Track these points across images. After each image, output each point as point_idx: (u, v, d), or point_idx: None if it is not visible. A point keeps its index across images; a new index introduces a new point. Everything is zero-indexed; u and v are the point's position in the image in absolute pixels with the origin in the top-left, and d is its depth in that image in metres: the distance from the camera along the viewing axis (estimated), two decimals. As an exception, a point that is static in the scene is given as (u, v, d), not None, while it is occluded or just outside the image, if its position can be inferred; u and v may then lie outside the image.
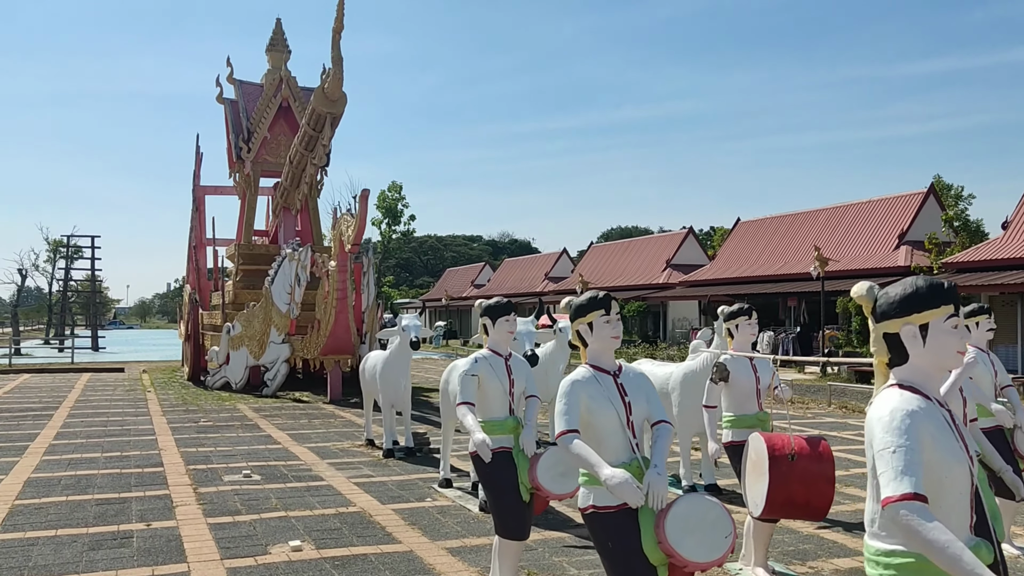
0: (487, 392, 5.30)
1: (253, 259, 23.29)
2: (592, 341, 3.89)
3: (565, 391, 3.77)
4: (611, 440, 3.75)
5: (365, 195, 16.52)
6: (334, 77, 18.10)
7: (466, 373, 5.27)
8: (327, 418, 15.29)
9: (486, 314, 5.43)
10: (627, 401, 3.81)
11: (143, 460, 10.56)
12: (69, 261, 59.05)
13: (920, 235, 29.80)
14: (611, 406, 3.75)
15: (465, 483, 8.97)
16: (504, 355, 5.43)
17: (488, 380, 5.29)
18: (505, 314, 5.39)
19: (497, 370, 5.33)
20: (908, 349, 2.59)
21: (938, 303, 2.57)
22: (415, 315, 10.80)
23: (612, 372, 3.88)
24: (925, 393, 2.55)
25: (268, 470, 9.91)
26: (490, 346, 5.44)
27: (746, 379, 5.97)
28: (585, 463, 3.59)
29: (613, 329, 3.85)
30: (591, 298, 3.91)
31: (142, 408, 16.65)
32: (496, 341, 5.43)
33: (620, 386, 3.84)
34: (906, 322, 2.59)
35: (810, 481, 5.15)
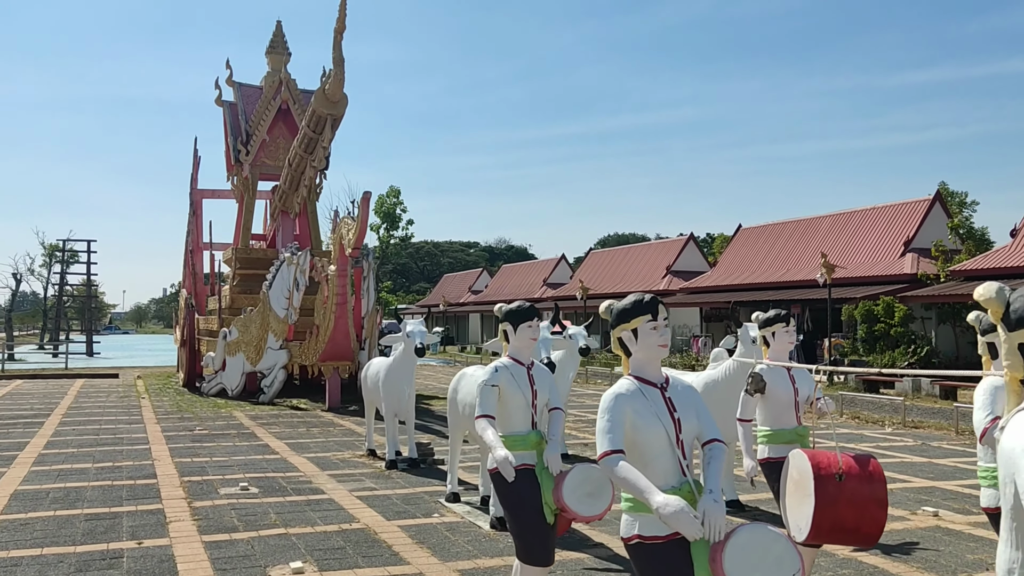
0: (508, 404, 4.89)
1: (250, 263, 22.87)
2: (637, 350, 3.49)
3: (608, 406, 3.36)
4: (659, 461, 3.35)
5: (366, 198, 16.12)
6: (335, 78, 17.73)
7: (486, 383, 4.87)
8: (326, 426, 14.85)
9: (507, 319, 5.02)
10: (676, 417, 3.40)
11: (136, 471, 10.12)
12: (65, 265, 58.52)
13: (926, 242, 29.47)
14: (659, 423, 3.35)
15: (473, 497, 8.55)
16: (526, 364, 5.03)
17: (509, 391, 4.88)
18: (528, 319, 4.99)
19: (519, 380, 4.92)
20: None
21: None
22: (420, 321, 10.39)
23: (659, 385, 3.48)
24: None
25: (266, 482, 9.48)
26: (511, 354, 5.04)
27: (784, 391, 5.57)
28: (633, 488, 3.18)
29: (661, 336, 3.45)
30: (636, 301, 3.51)
31: (136, 416, 16.20)
32: (517, 348, 5.03)
33: (668, 400, 3.44)
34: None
35: (860, 504, 4.74)
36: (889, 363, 25.44)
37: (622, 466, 3.21)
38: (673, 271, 42.97)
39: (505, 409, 4.89)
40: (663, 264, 43.99)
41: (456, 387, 8.19)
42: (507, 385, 4.89)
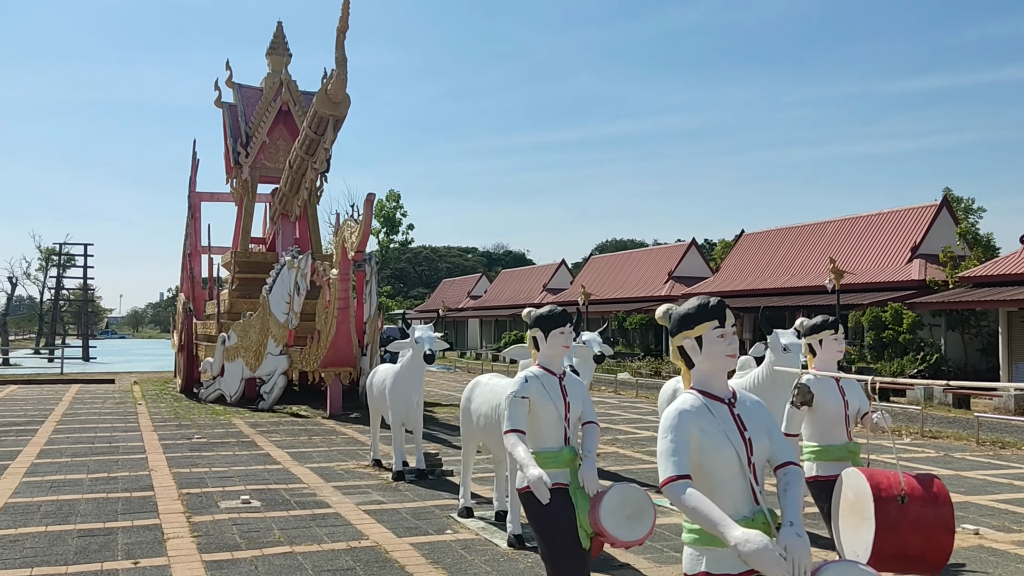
0: (539, 417, 4.49)
1: (250, 267, 22.46)
2: (701, 360, 3.10)
3: (671, 424, 2.96)
4: (728, 488, 2.95)
5: (370, 200, 15.72)
6: (338, 78, 17.37)
7: (515, 395, 4.47)
8: (328, 435, 14.43)
9: (537, 325, 4.63)
10: (747, 437, 3.01)
11: (132, 483, 9.69)
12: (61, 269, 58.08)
13: (933, 248, 29.13)
14: (729, 444, 2.96)
15: (487, 511, 8.13)
16: (558, 373, 4.63)
17: (540, 403, 4.48)
18: (560, 325, 4.59)
19: (551, 391, 4.53)
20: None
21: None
22: (429, 326, 9.98)
23: (726, 400, 3.08)
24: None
25: (268, 495, 9.06)
26: (541, 363, 4.64)
27: (833, 403, 5.17)
28: (704, 519, 2.78)
29: (729, 345, 3.06)
30: (701, 306, 3.11)
31: (132, 423, 15.76)
32: (548, 357, 4.63)
33: (737, 418, 3.04)
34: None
35: (925, 529, 4.33)
36: (898, 370, 25.07)
37: (690, 494, 2.81)
38: (675, 277, 42.58)
39: (536, 423, 4.49)
40: (665, 269, 43.61)
41: (470, 396, 7.79)
42: (538, 397, 4.50)
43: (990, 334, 27.48)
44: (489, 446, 7.72)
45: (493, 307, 58.47)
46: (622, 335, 41.79)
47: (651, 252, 50.37)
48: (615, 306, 42.89)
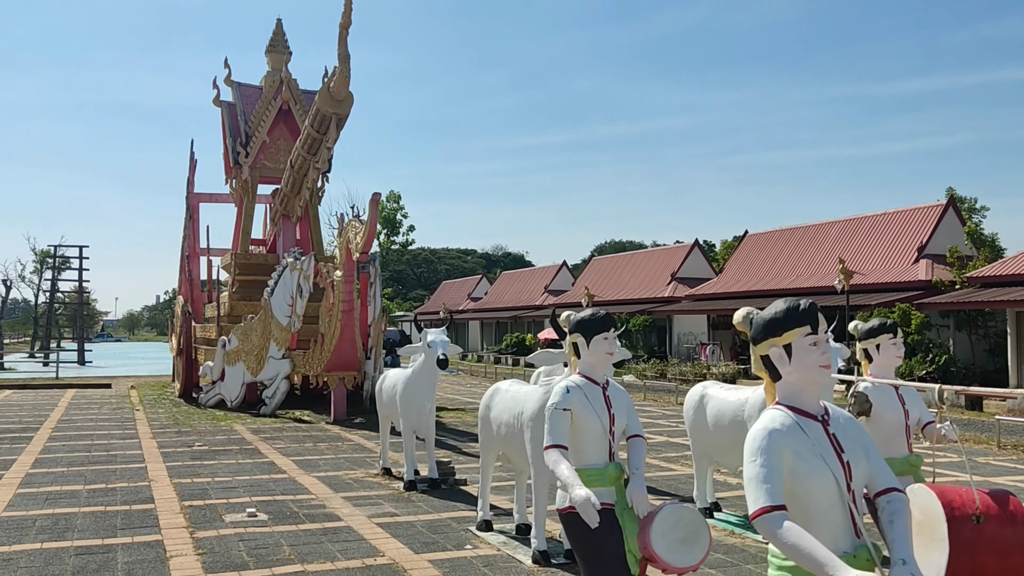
0: (582, 431, 4.11)
1: (250, 269, 22.05)
2: (790, 371, 2.71)
3: (760, 446, 2.57)
4: (826, 519, 2.57)
5: (375, 199, 15.32)
6: (341, 75, 16.97)
7: (556, 407, 4.08)
8: (333, 441, 14.03)
9: (578, 330, 4.24)
10: (845, 460, 2.62)
11: (131, 495, 9.28)
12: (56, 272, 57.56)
13: (939, 248, 28.78)
14: (826, 468, 2.58)
15: (507, 525, 7.74)
16: (601, 383, 4.25)
17: (583, 416, 4.10)
18: (604, 330, 4.21)
19: (594, 402, 4.14)
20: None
21: None
22: (442, 329, 9.58)
23: (819, 417, 2.70)
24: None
25: (276, 507, 8.66)
26: (583, 371, 4.25)
27: (893, 413, 4.79)
28: (808, 559, 2.39)
29: (823, 355, 2.67)
30: (790, 309, 2.72)
31: (130, 429, 15.34)
32: (591, 365, 4.25)
33: (833, 438, 2.66)
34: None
35: (1003, 551, 3.94)
36: (907, 372, 24.70)
37: (789, 528, 2.42)
38: (678, 278, 42.21)
39: (578, 437, 4.11)
40: (668, 270, 43.25)
41: (489, 404, 7.40)
42: (581, 409, 4.11)
43: (998, 335, 27.15)
44: (510, 456, 7.33)
45: (494, 309, 58.08)
46: (626, 337, 41.36)
47: (653, 253, 50.02)
48: (618, 308, 42.50)
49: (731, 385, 8.31)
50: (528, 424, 6.60)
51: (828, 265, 32.51)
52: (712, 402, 7.91)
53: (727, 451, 7.82)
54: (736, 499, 9.02)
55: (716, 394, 7.95)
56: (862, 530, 2.60)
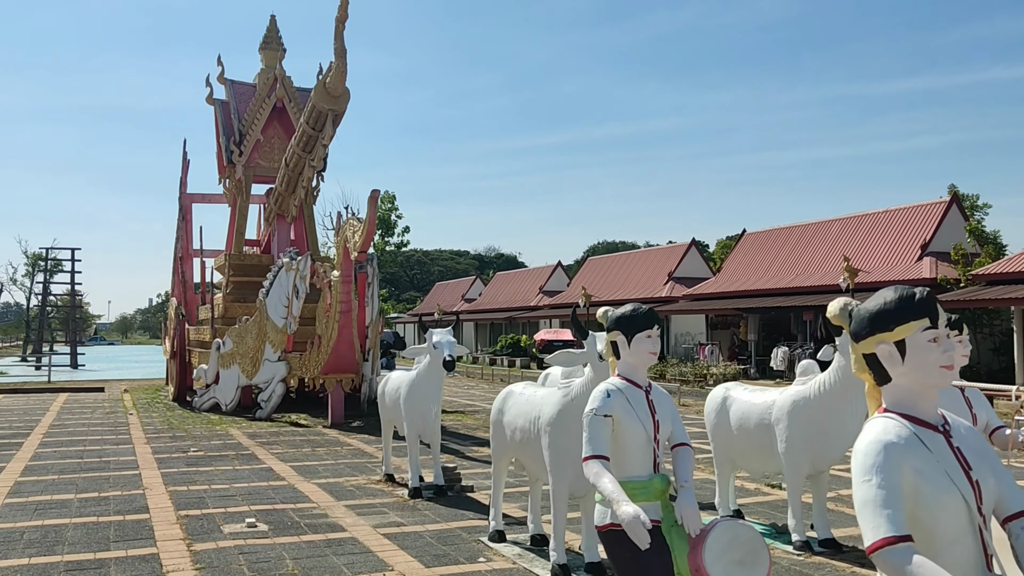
0: (624, 440, 3.74)
1: (244, 270, 21.62)
2: (903, 372, 2.29)
3: (875, 463, 2.15)
4: (955, 550, 2.16)
5: (374, 196, 14.91)
6: (337, 70, 16.57)
7: (596, 413, 3.71)
8: (332, 446, 13.62)
9: (619, 327, 3.87)
10: (974, 479, 2.23)
11: (125, 504, 8.87)
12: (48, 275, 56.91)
13: (943, 246, 28.52)
14: (955, 490, 2.18)
15: (520, 535, 7.36)
16: (644, 386, 3.88)
17: (626, 423, 3.73)
18: (647, 327, 3.84)
19: (637, 408, 3.77)
20: None
21: None
22: (448, 330, 9.19)
23: (939, 427, 2.31)
24: None
25: (276, 517, 8.25)
26: (623, 373, 3.88)
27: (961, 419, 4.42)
28: None
29: (943, 353, 2.28)
30: (904, 299, 2.28)
31: (123, 434, 14.90)
32: (632, 366, 3.88)
33: (957, 451, 2.27)
34: None
35: None
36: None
37: (921, 564, 2.00)
38: (675, 277, 41.90)
39: (620, 447, 3.74)
40: (665, 270, 42.93)
41: (502, 408, 7.02)
42: (623, 415, 3.74)
43: (1003, 333, 26.92)
44: (524, 463, 6.95)
45: (488, 310, 57.69)
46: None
47: (650, 253, 49.70)
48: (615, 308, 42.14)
49: (755, 386, 7.94)
50: (546, 429, 6.22)
51: (829, 263, 32.23)
52: (736, 405, 7.54)
53: (752, 456, 7.47)
54: (759, 506, 8.66)
55: (740, 396, 7.58)
56: (997, 563, 2.21)
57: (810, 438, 6.88)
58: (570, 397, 6.08)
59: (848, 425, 6.76)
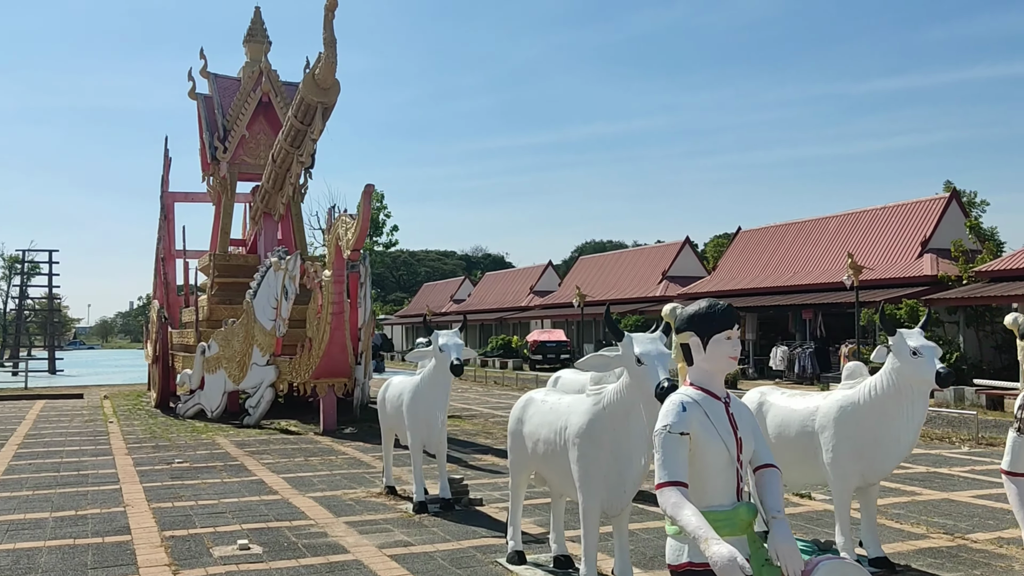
0: (704, 461, 3.09)
1: (230, 270, 20.83)
2: None
3: None
4: None
5: (368, 191, 14.20)
6: (326, 61, 15.85)
7: (669, 430, 3.06)
8: (326, 454, 12.90)
9: (692, 328, 3.22)
10: None
11: (104, 523, 8.13)
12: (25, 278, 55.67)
13: (943, 243, 28.11)
14: None
15: (540, 553, 6.70)
16: (723, 396, 3.23)
17: (705, 440, 3.08)
18: (726, 327, 3.19)
19: (718, 423, 3.12)
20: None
21: None
22: (455, 332, 8.52)
23: None
24: None
25: (271, 536, 7.55)
26: (697, 381, 3.23)
27: None
28: None
29: None
30: None
31: (103, 444, 14.12)
32: (709, 374, 3.23)
33: None
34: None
35: None
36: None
37: None
38: (669, 276, 41.39)
39: (698, 470, 3.09)
40: (658, 269, 42.41)
41: (521, 417, 6.35)
42: (702, 431, 3.09)
43: (1005, 331, 26.52)
44: (547, 477, 6.29)
45: (478, 311, 56.97)
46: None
47: (642, 252, 49.18)
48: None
49: (793, 390, 7.31)
50: (574, 441, 5.57)
51: (828, 261, 31.79)
52: (774, 411, 6.90)
53: (792, 467, 6.82)
54: (795, 520, 8.03)
55: (778, 402, 6.95)
56: None
57: (860, 447, 6.27)
58: (601, 405, 5.44)
59: (903, 433, 6.16)
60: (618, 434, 5.33)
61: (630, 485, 5.36)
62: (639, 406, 5.18)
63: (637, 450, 5.28)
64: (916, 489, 9.64)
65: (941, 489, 9.69)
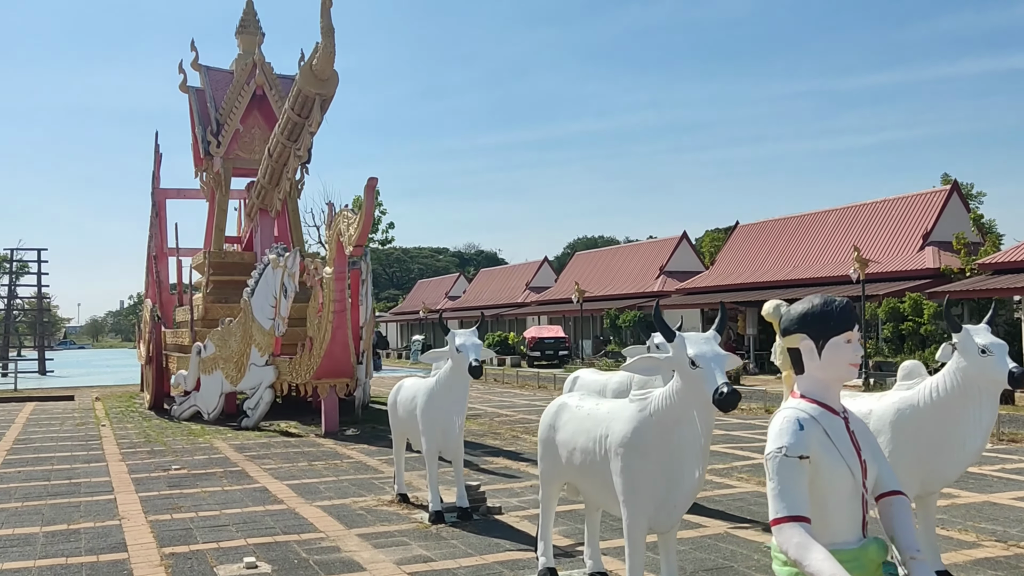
0: (825, 489, 2.61)
1: (226, 268, 20.29)
2: None
3: None
4: None
5: (372, 184, 13.68)
6: (324, 51, 15.32)
7: (787, 452, 2.57)
8: (330, 458, 12.40)
9: (804, 328, 2.74)
10: None
11: (98, 539, 7.61)
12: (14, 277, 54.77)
13: (945, 235, 27.80)
14: None
15: (570, 567, 6.24)
16: (840, 412, 2.75)
17: (827, 465, 2.60)
18: (845, 328, 2.71)
19: (840, 443, 2.64)
20: None
21: None
22: (472, 331, 8.02)
23: None
24: None
25: (279, 553, 7.05)
26: (810, 393, 2.75)
27: None
28: None
29: None
30: None
31: (95, 450, 13.57)
32: (824, 384, 2.75)
33: None
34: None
35: None
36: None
37: None
38: (667, 271, 41.03)
39: (820, 500, 2.60)
40: (656, 264, 42.04)
41: (554, 423, 5.86)
42: (824, 454, 2.60)
43: (1008, 324, 26.24)
44: (583, 489, 5.81)
45: (473, 308, 56.44)
46: (615, 333, 40.09)
47: (639, 247, 48.78)
48: (606, 303, 41.19)
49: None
50: (618, 451, 5.08)
51: (828, 254, 31.47)
52: (821, 413, 6.44)
53: (842, 473, 6.38)
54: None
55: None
56: None
57: (920, 453, 5.81)
58: (648, 412, 4.94)
59: (969, 438, 5.70)
60: (668, 444, 4.85)
61: (681, 500, 4.89)
62: (692, 413, 4.71)
63: (690, 462, 4.81)
64: (953, 491, 9.21)
65: (979, 491, 9.27)
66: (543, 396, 23.48)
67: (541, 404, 20.87)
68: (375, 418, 17.04)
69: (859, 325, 2.78)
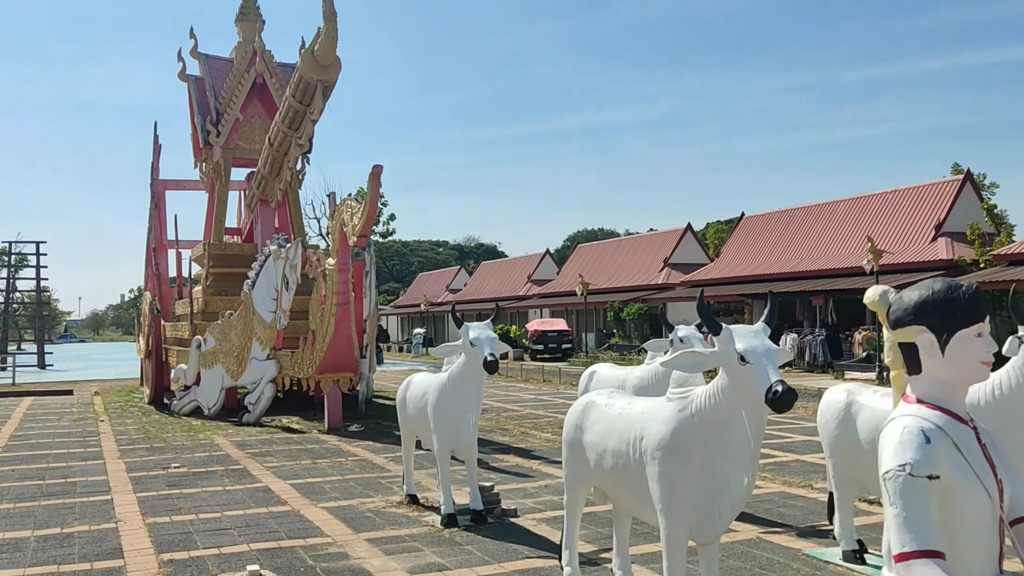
0: (959, 516, 2.17)
1: (226, 260, 19.85)
2: None
3: None
4: None
5: (377, 172, 13.22)
6: (327, 36, 14.84)
7: (912, 470, 2.13)
8: (334, 456, 11.98)
9: (922, 319, 2.30)
10: None
11: (93, 544, 7.19)
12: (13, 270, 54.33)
13: (958, 226, 27.32)
14: None
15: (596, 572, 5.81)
16: (968, 420, 2.31)
17: (961, 485, 2.16)
18: (975, 319, 2.27)
19: (973, 459, 2.21)
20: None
21: None
22: (487, 324, 7.59)
23: None
24: None
25: (284, 559, 6.63)
26: (931, 398, 2.32)
27: None
28: None
29: None
30: None
31: (93, 446, 13.15)
32: (948, 386, 2.32)
33: None
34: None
35: None
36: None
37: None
38: (671, 264, 40.57)
39: (952, 529, 2.16)
40: (660, 256, 41.57)
41: (580, 423, 5.43)
42: (955, 473, 2.17)
43: (1022, 316, 25.85)
44: (612, 495, 5.39)
45: (475, 300, 56.03)
46: (618, 326, 39.65)
47: (642, 239, 48.31)
48: (610, 295, 40.75)
49: (887, 389, 6.42)
50: (654, 455, 4.64)
51: (837, 245, 30.99)
52: (865, 412, 6.00)
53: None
54: (871, 530, 7.15)
55: (870, 402, 6.05)
56: None
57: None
58: (689, 412, 4.51)
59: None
60: (712, 448, 4.42)
61: (726, 510, 4.46)
62: (740, 414, 4.29)
63: (737, 468, 4.38)
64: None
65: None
66: (549, 390, 23.05)
67: (548, 398, 20.44)
68: (379, 413, 16.63)
69: (989, 316, 2.33)
